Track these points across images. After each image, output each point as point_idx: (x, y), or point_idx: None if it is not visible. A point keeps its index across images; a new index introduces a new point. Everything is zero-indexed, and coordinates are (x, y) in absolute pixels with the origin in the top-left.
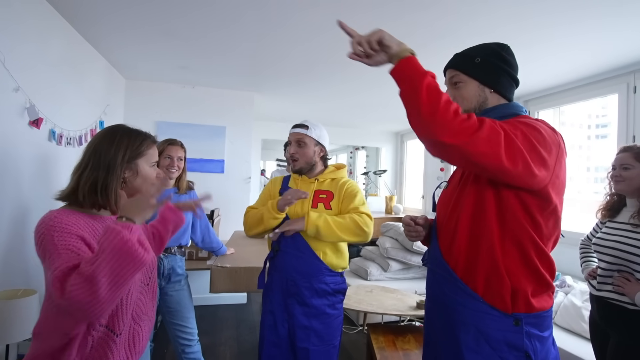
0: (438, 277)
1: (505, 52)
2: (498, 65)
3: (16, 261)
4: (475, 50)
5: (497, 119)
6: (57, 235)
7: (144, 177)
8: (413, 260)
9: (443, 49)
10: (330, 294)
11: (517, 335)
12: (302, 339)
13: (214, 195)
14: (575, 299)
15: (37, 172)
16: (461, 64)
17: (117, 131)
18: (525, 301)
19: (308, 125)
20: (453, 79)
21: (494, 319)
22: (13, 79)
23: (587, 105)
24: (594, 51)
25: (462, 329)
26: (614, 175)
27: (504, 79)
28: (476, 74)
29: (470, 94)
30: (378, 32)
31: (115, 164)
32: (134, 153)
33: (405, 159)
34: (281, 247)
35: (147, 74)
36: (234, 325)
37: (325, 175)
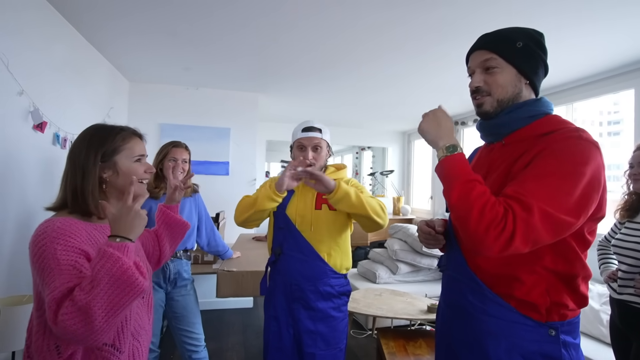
0: (461, 285)
1: (542, 39)
2: (537, 53)
3: (21, 266)
4: (515, 33)
5: (526, 118)
6: (61, 249)
7: (126, 173)
8: (423, 262)
9: (449, 46)
10: (336, 296)
11: (554, 346)
12: (308, 344)
13: (219, 198)
14: (593, 302)
15: (42, 176)
16: (500, 47)
17: (88, 131)
18: (562, 311)
19: (321, 128)
20: (487, 63)
21: (528, 329)
22: (17, 83)
23: (599, 102)
24: (607, 45)
25: (491, 341)
26: (633, 173)
27: (540, 69)
28: (516, 60)
29: (507, 81)
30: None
31: (88, 166)
32: (109, 150)
33: (412, 159)
34: (284, 250)
35: (151, 76)
36: (240, 330)
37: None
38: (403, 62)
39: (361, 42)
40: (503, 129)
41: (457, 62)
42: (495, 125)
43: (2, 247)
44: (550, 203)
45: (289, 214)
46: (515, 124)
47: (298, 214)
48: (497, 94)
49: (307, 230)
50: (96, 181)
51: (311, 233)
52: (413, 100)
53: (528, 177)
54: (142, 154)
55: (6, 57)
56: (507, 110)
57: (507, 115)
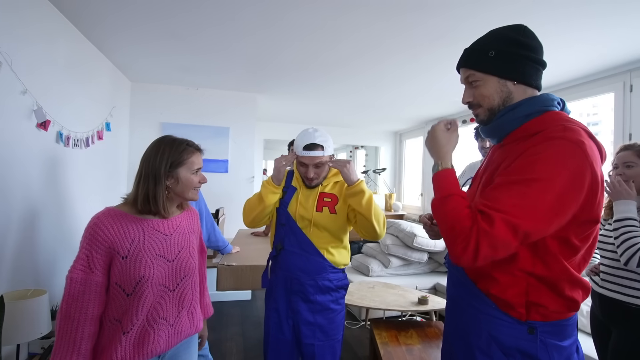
0: (455, 279)
1: (522, 36)
2: (516, 54)
3: (26, 261)
4: (487, 42)
5: (521, 118)
6: (90, 238)
7: (184, 183)
8: (413, 256)
9: (441, 48)
10: (334, 290)
11: (531, 344)
12: (307, 335)
13: (218, 195)
14: None
15: (46, 174)
16: (475, 62)
17: (161, 142)
18: (542, 311)
19: (322, 145)
20: (469, 79)
21: (507, 325)
22: (20, 82)
23: (580, 105)
24: (591, 50)
25: (475, 332)
26: (618, 174)
27: (527, 66)
28: (493, 69)
29: (491, 90)
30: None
31: (160, 174)
32: (175, 162)
33: (403, 158)
34: (285, 245)
35: (152, 76)
36: (239, 322)
37: (328, 180)
38: (397, 68)
39: (358, 49)
40: (499, 132)
41: (447, 67)
42: (491, 130)
43: (7, 244)
44: (514, 211)
45: (290, 212)
46: (509, 126)
47: (298, 213)
48: (485, 104)
49: (307, 231)
50: (164, 187)
51: (310, 234)
52: (405, 102)
53: (497, 185)
54: (199, 167)
55: (9, 56)
56: (500, 114)
57: (500, 119)
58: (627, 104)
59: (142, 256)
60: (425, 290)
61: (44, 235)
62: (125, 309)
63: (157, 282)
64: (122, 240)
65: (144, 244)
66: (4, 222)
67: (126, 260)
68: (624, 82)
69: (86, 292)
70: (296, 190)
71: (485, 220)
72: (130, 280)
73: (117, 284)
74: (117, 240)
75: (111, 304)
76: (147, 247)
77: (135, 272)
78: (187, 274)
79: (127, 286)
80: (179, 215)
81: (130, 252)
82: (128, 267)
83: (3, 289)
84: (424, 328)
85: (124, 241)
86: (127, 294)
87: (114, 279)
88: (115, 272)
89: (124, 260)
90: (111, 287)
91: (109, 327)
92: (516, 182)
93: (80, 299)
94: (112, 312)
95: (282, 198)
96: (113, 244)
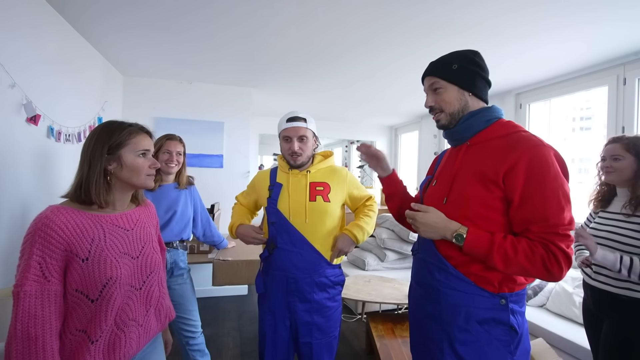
0: (429, 265)
1: (477, 58)
2: (473, 70)
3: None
4: (451, 58)
5: (484, 122)
6: (40, 242)
7: (130, 167)
8: (409, 250)
9: (436, 41)
10: (330, 286)
11: (504, 313)
12: (304, 334)
13: (214, 190)
14: (567, 285)
15: (37, 169)
16: (440, 71)
17: (98, 127)
18: (510, 285)
19: (306, 117)
20: (433, 86)
21: (484, 299)
22: (9, 75)
23: (573, 98)
24: (586, 43)
25: (454, 311)
26: (605, 166)
27: (480, 82)
28: (455, 79)
29: (452, 97)
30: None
31: (94, 158)
32: (114, 144)
33: (399, 152)
34: (278, 244)
35: (144, 71)
36: (235, 317)
37: (316, 166)
38: (392, 60)
39: (352, 41)
40: (465, 133)
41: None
42: (458, 132)
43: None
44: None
45: (281, 209)
46: (474, 128)
47: (291, 207)
48: (447, 109)
49: (302, 223)
50: (101, 172)
51: (305, 225)
52: (401, 96)
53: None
54: (146, 149)
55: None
56: (464, 118)
57: (465, 123)
58: (621, 97)
59: (105, 256)
60: None
61: None
62: (91, 316)
63: (125, 282)
64: (80, 240)
65: (105, 242)
66: None
67: (87, 263)
68: (618, 76)
69: (45, 305)
70: (282, 186)
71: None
72: (95, 285)
73: (77, 290)
74: (75, 241)
75: (72, 314)
76: (110, 245)
77: (101, 274)
78: (153, 270)
79: (92, 291)
80: (137, 209)
81: (92, 253)
82: (91, 270)
83: None
84: None
85: (82, 241)
86: (91, 300)
87: (73, 285)
88: (75, 277)
89: (84, 263)
90: (69, 295)
91: (71, 340)
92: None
93: (39, 315)
94: (73, 323)
95: (269, 197)
96: (70, 245)
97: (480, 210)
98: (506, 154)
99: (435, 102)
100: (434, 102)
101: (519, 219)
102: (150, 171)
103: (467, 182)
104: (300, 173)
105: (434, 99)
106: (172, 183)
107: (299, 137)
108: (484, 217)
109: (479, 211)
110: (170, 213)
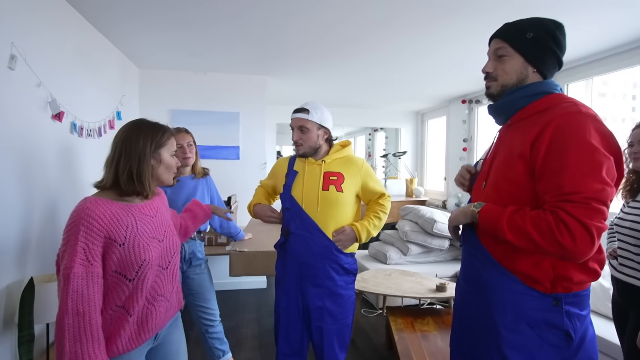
0: (474, 259)
1: (559, 32)
2: (548, 45)
3: (48, 247)
4: (528, 24)
5: (527, 98)
6: (84, 230)
7: (166, 165)
8: (433, 243)
9: (460, 20)
10: (342, 273)
11: (557, 315)
12: (316, 318)
13: (230, 182)
14: (604, 281)
15: (63, 164)
16: (511, 37)
17: (141, 124)
18: (565, 284)
19: (309, 109)
20: (499, 51)
21: (533, 299)
22: (35, 75)
23: (632, 73)
24: (625, 19)
25: (500, 310)
26: (633, 152)
27: (550, 60)
28: (524, 49)
29: (513, 69)
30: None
31: (145, 153)
32: (158, 143)
33: (426, 140)
34: (291, 229)
35: (160, 63)
36: (254, 309)
37: (331, 156)
38: (414, 43)
39: (373, 24)
40: (505, 109)
41: (470, 42)
42: (498, 107)
43: (32, 231)
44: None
45: (294, 195)
46: (516, 104)
47: (304, 194)
48: (502, 79)
49: (314, 211)
50: (150, 166)
51: (317, 213)
52: (426, 79)
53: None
54: (175, 150)
55: (23, 50)
56: (508, 92)
57: (507, 97)
58: None
59: (138, 241)
60: (447, 278)
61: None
62: (129, 294)
63: (155, 263)
64: (117, 228)
65: (137, 228)
66: (28, 212)
67: (124, 247)
68: None
69: (89, 285)
70: (298, 174)
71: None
72: (132, 266)
73: (116, 272)
74: (113, 228)
75: (112, 293)
76: (141, 231)
77: (136, 257)
78: (176, 251)
79: (129, 272)
80: (155, 198)
81: (127, 238)
82: (128, 253)
83: (30, 274)
84: (442, 315)
85: (119, 229)
86: (129, 280)
87: (112, 267)
88: (114, 260)
89: (121, 247)
90: (109, 276)
91: (111, 315)
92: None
93: (85, 293)
94: (113, 300)
95: (285, 183)
96: (109, 232)
97: (511, 190)
98: (536, 125)
99: (494, 70)
100: (492, 68)
101: (539, 191)
102: (175, 168)
103: (501, 164)
104: (315, 162)
105: (495, 65)
106: (188, 175)
107: (298, 128)
108: (514, 197)
109: (509, 191)
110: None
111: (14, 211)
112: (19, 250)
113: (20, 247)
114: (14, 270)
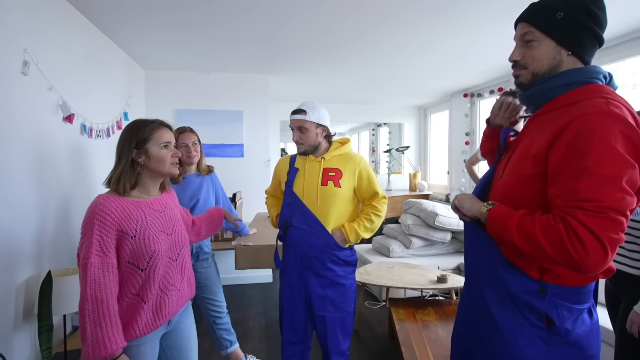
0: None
1: (595, 6)
2: (583, 23)
3: (63, 243)
4: (557, 2)
5: (562, 87)
6: (98, 224)
7: (156, 158)
8: (436, 236)
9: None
10: (341, 265)
11: (541, 302)
12: (318, 307)
13: (235, 179)
14: None
15: (74, 164)
16: (538, 18)
17: (128, 125)
18: (553, 276)
19: (306, 109)
20: (526, 36)
21: (519, 282)
22: (46, 79)
23: None
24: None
25: (490, 285)
26: None
27: (587, 40)
28: (555, 31)
29: (544, 55)
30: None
31: (123, 153)
32: (140, 139)
33: (428, 134)
34: (293, 223)
35: (164, 63)
36: (261, 302)
37: (331, 153)
38: (417, 37)
39: (372, 21)
40: (537, 99)
41: (471, 35)
42: (530, 97)
43: (47, 227)
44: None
45: (295, 191)
46: (548, 94)
47: (305, 190)
48: (532, 67)
49: (314, 205)
50: (129, 164)
51: (317, 207)
52: (427, 74)
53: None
54: (167, 141)
55: (35, 55)
56: (541, 80)
57: (541, 85)
58: None
59: (148, 233)
60: (449, 270)
61: (77, 219)
62: (142, 282)
63: (164, 255)
64: (128, 221)
65: (146, 222)
66: (44, 210)
67: (135, 239)
68: None
69: (105, 274)
70: (299, 171)
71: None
72: (143, 257)
73: (129, 262)
74: (124, 222)
75: (127, 282)
76: (150, 224)
77: (147, 248)
78: (184, 245)
79: (141, 262)
80: (164, 195)
81: (138, 231)
82: (139, 245)
83: (47, 267)
84: (443, 306)
85: (130, 222)
86: (141, 269)
87: (125, 258)
88: (127, 251)
89: (133, 239)
90: (123, 266)
91: (127, 303)
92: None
93: (102, 282)
94: (128, 289)
95: (286, 180)
96: (121, 226)
97: (523, 190)
98: (558, 121)
99: (523, 57)
100: (520, 56)
101: (550, 195)
102: (174, 160)
103: (517, 158)
104: (315, 159)
105: (522, 52)
106: (194, 173)
107: (297, 128)
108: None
109: (521, 191)
110: (193, 201)
111: (31, 210)
112: (36, 246)
113: (37, 243)
114: (32, 264)
